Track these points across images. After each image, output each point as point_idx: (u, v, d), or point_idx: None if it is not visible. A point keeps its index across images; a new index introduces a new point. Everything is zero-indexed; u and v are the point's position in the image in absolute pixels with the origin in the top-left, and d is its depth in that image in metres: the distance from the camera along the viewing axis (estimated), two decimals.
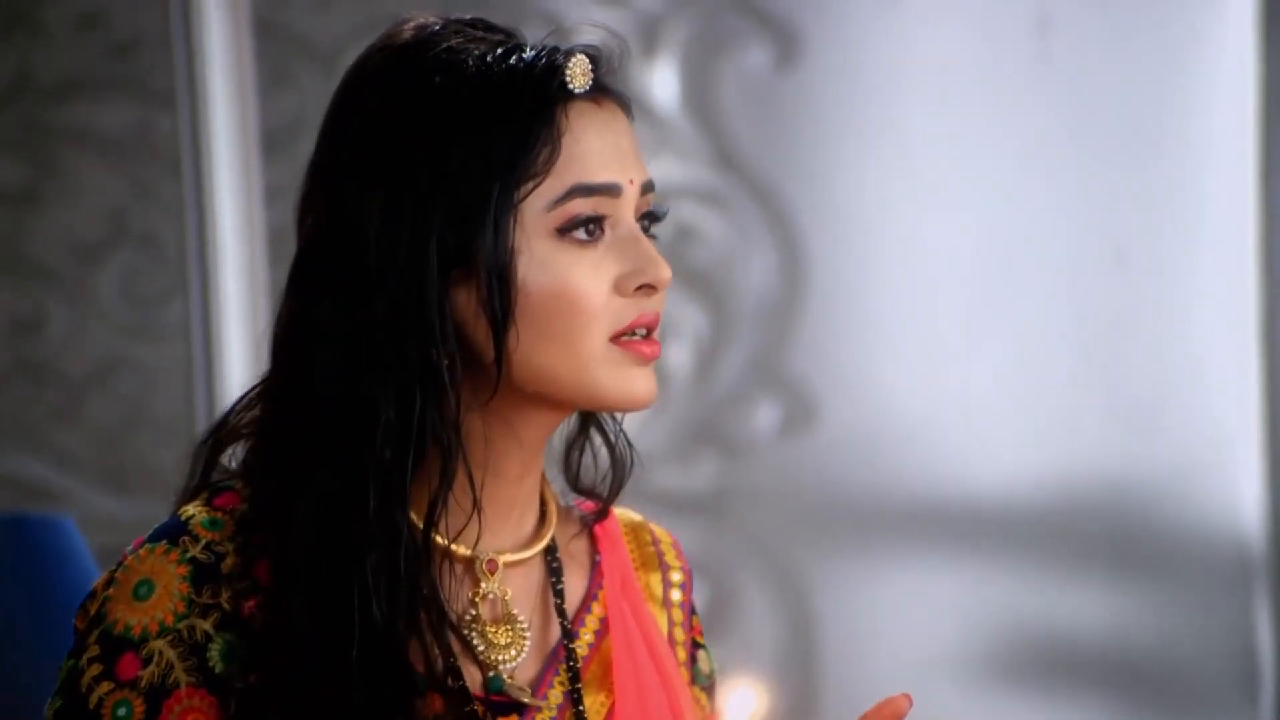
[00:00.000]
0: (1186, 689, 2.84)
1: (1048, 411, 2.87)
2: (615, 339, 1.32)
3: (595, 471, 1.43)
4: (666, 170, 2.94)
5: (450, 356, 1.30)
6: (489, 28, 1.35)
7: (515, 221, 1.31)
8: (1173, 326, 2.85)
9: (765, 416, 2.93)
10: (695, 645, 1.48)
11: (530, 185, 1.31)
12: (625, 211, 1.34)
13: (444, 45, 1.33)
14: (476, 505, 1.33)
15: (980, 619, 2.88)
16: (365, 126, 1.32)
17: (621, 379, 1.33)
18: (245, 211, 2.76)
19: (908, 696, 1.29)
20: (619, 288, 1.33)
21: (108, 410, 3.04)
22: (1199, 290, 2.85)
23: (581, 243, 1.32)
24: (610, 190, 1.33)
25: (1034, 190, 2.88)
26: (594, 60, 1.35)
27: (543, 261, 1.31)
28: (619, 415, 1.42)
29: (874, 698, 1.30)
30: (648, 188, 1.36)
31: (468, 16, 1.36)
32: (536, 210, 1.31)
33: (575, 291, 1.31)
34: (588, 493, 1.44)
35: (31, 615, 2.22)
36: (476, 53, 1.32)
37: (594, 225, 1.32)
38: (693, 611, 1.49)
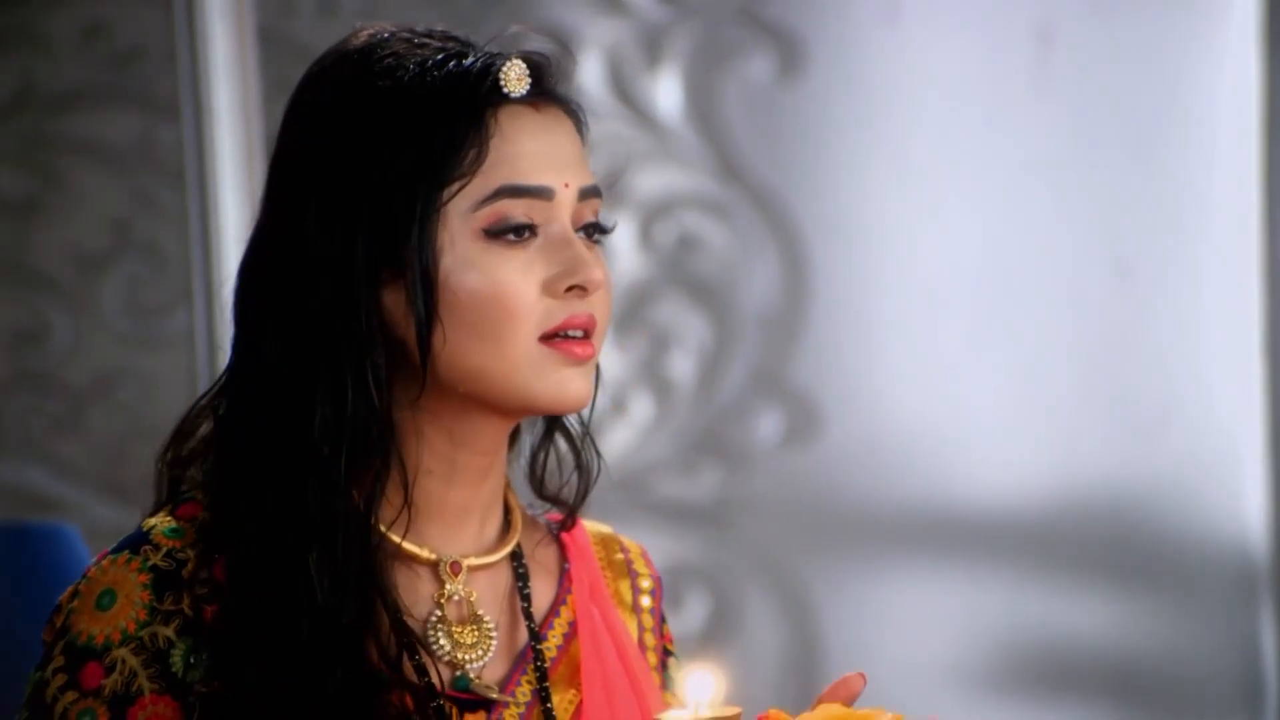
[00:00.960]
0: (1190, 697, 2.84)
1: (1051, 421, 2.87)
2: (546, 339, 1.34)
3: (560, 478, 1.44)
4: (669, 180, 2.94)
5: (379, 356, 1.32)
6: (446, 37, 1.37)
7: (441, 222, 1.32)
8: (1176, 336, 2.86)
9: (768, 426, 2.93)
10: (666, 653, 1.50)
11: (456, 186, 1.32)
12: (559, 214, 1.35)
13: (388, 51, 1.35)
14: (407, 501, 1.34)
15: (983, 628, 2.88)
16: (308, 128, 1.35)
17: (552, 380, 1.34)
18: (248, 222, 2.76)
19: (862, 675, 1.32)
20: (549, 289, 1.34)
21: (110, 420, 3.04)
22: (1202, 300, 2.85)
23: (509, 244, 1.33)
24: (540, 193, 1.34)
25: (1036, 200, 2.88)
26: (536, 66, 1.36)
27: (468, 261, 1.33)
28: (582, 419, 1.43)
29: (876, 706, 1.31)
30: (588, 193, 1.37)
31: (427, 28, 1.38)
32: (463, 210, 1.33)
33: (501, 291, 1.32)
34: (553, 500, 1.45)
35: (34, 624, 2.22)
36: (418, 58, 1.34)
37: (519, 229, 1.34)
38: (663, 620, 1.50)
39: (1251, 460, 2.84)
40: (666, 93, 2.93)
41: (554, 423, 1.44)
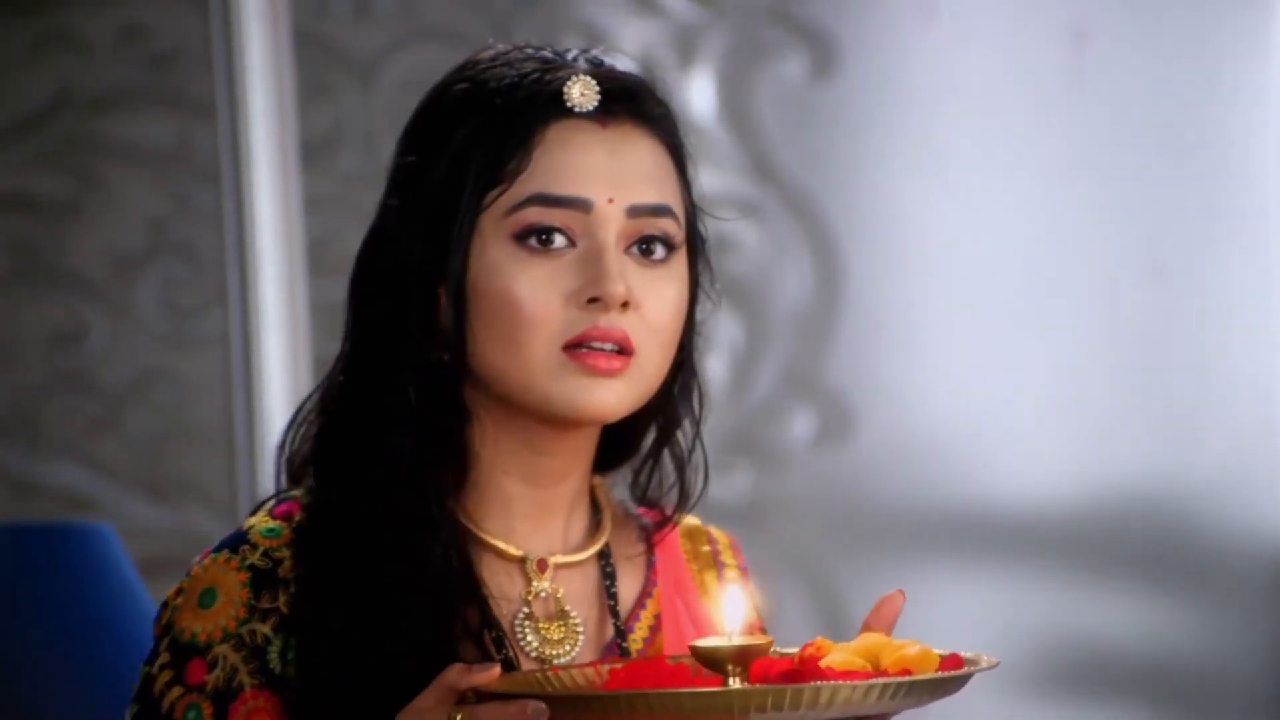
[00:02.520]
0: (1223, 699, 2.83)
1: (1085, 422, 2.86)
2: (569, 348, 1.36)
3: (660, 487, 1.46)
4: (703, 181, 2.94)
5: (445, 352, 1.37)
6: (555, 53, 1.40)
7: (476, 227, 1.36)
8: (1210, 337, 2.85)
9: (801, 426, 2.93)
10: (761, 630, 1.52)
11: (494, 193, 1.35)
12: (597, 228, 1.36)
13: (486, 67, 1.38)
14: (485, 496, 1.37)
15: (1016, 629, 2.87)
16: (403, 138, 1.41)
17: (568, 388, 1.35)
18: (284, 222, 2.77)
19: (901, 592, 1.35)
20: (574, 299, 1.35)
21: (147, 420, 3.06)
22: (1236, 301, 2.84)
23: (534, 251, 1.36)
24: (576, 204, 1.36)
25: (1070, 201, 2.88)
26: (611, 84, 1.37)
27: (494, 266, 1.36)
28: (696, 430, 1.44)
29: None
30: (643, 210, 1.37)
31: (544, 44, 1.41)
32: (496, 217, 1.36)
33: (516, 297, 1.35)
34: (653, 505, 1.48)
35: (72, 621, 2.24)
36: (505, 74, 1.37)
37: (549, 234, 1.36)
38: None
39: None
40: (700, 93, 2.94)
41: (663, 436, 1.45)
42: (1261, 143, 2.83)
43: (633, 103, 1.38)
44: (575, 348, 1.35)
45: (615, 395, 1.36)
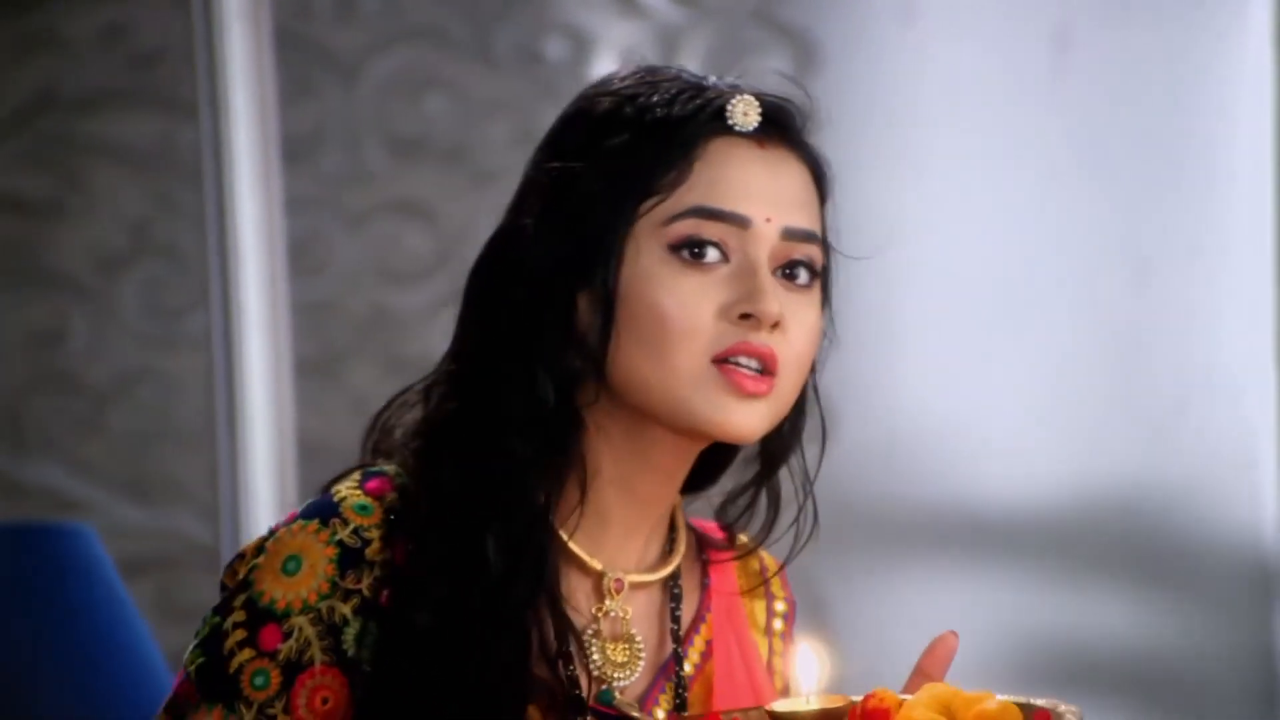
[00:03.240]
0: (1206, 698, 2.84)
1: (1068, 422, 2.87)
2: (719, 362, 1.35)
3: (748, 517, 1.46)
4: None
5: (571, 357, 1.36)
6: (698, 78, 1.40)
7: (631, 234, 1.36)
8: (1193, 337, 2.85)
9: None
10: None
11: (653, 201, 1.36)
12: (753, 246, 1.37)
13: (646, 79, 1.40)
14: (583, 499, 1.37)
15: (999, 628, 2.87)
16: (547, 143, 1.41)
17: (713, 404, 1.36)
18: (266, 222, 2.77)
19: (955, 633, 1.36)
20: (724, 313, 1.36)
21: (129, 420, 3.05)
22: (1219, 301, 2.85)
23: (687, 263, 1.36)
24: (735, 219, 1.36)
25: (1053, 202, 2.88)
26: (772, 108, 1.39)
27: (647, 275, 1.36)
28: (804, 472, 1.45)
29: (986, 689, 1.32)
30: (797, 235, 1.39)
31: (685, 68, 1.42)
32: (654, 225, 1.36)
33: (665, 307, 1.35)
34: (725, 526, 1.47)
35: (53, 621, 2.23)
36: (666, 89, 1.38)
37: (705, 248, 1.36)
38: (789, 642, 1.52)
39: (1269, 460, 2.84)
40: None
41: (769, 468, 1.46)
42: (1242, 144, 2.84)
43: (789, 127, 1.40)
44: (723, 362, 1.35)
45: (758, 417, 1.37)
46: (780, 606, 1.52)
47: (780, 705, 1.23)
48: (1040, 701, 1.23)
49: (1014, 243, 2.89)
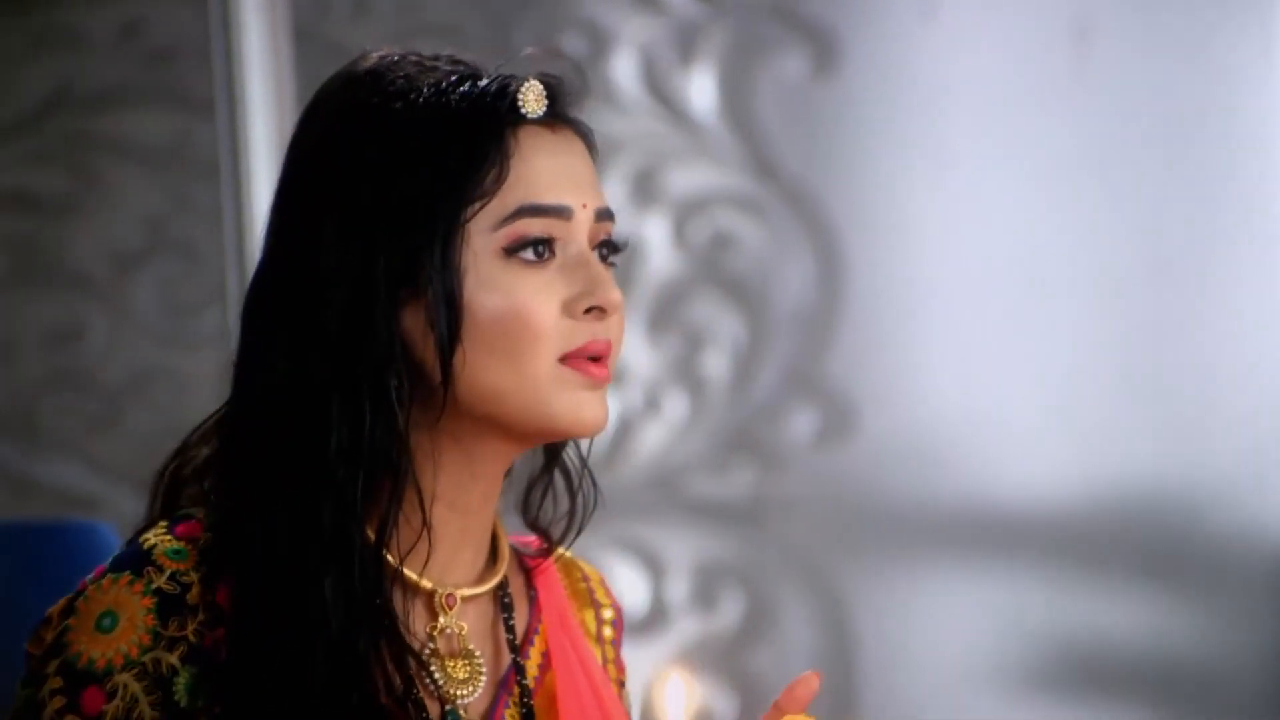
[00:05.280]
0: (1227, 698, 2.82)
1: (1088, 420, 2.86)
2: (565, 360, 1.33)
3: (554, 509, 1.43)
4: (703, 178, 2.94)
5: (399, 376, 1.31)
6: (454, 60, 1.37)
7: (463, 241, 1.31)
8: (1214, 335, 2.84)
9: (803, 425, 2.92)
10: (620, 684, 1.50)
11: (478, 205, 1.32)
12: (577, 234, 1.35)
13: (400, 73, 1.34)
14: (426, 524, 1.32)
15: (1019, 628, 2.86)
16: (320, 151, 1.34)
17: (570, 402, 1.33)
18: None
19: (817, 674, 1.30)
20: (568, 310, 1.33)
21: (146, 418, 3.05)
22: (1240, 298, 2.84)
23: (529, 263, 1.33)
24: (560, 212, 1.34)
25: (1074, 197, 2.87)
26: (550, 88, 1.36)
27: (490, 281, 1.32)
28: (583, 451, 1.42)
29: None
30: (603, 215, 1.37)
31: (434, 52, 1.37)
32: (483, 229, 1.32)
33: (523, 311, 1.31)
34: (540, 531, 1.44)
35: None
36: (432, 80, 1.33)
37: (543, 246, 1.33)
38: (619, 649, 1.50)
39: None
40: (700, 90, 2.93)
41: (553, 456, 1.43)
42: (1265, 139, 2.83)
43: (567, 106, 1.37)
44: (569, 357, 1.33)
45: (605, 406, 1.34)
46: (608, 614, 1.50)
47: None
48: None
49: (1034, 239, 2.88)
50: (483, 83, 1.34)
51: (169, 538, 1.31)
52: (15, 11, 3.06)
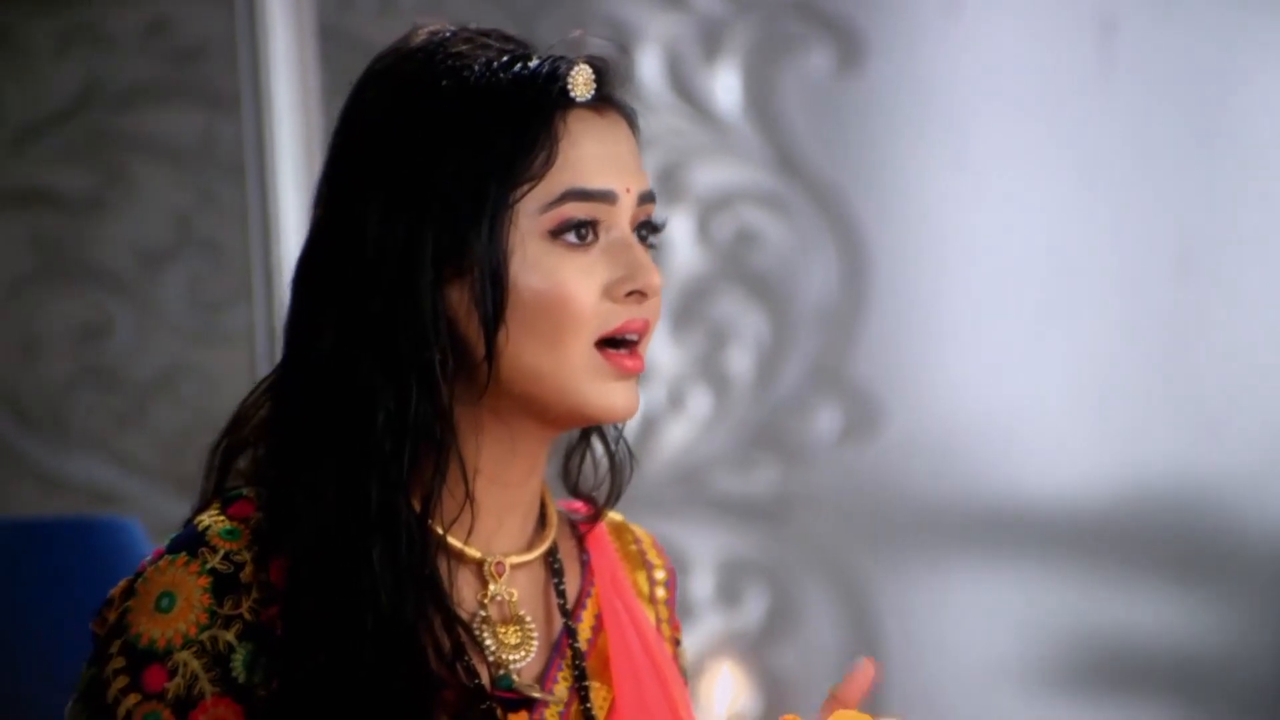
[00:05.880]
0: (1254, 696, 2.82)
1: (1113, 417, 2.85)
2: (601, 346, 1.35)
3: (595, 476, 1.45)
4: (727, 174, 2.94)
5: (442, 352, 1.33)
6: (503, 38, 1.38)
7: (510, 222, 1.33)
8: (1239, 330, 2.83)
9: (827, 421, 2.92)
10: (676, 643, 1.51)
11: (526, 187, 1.33)
12: (620, 218, 1.36)
13: (451, 50, 1.36)
14: (469, 496, 1.35)
15: (1045, 625, 2.86)
16: (369, 127, 1.35)
17: (602, 390, 1.35)
18: (308, 218, 2.77)
19: (873, 661, 1.32)
20: (609, 293, 1.35)
21: (173, 415, 3.06)
22: (1265, 294, 2.83)
23: (572, 246, 1.34)
24: (605, 196, 1.35)
25: (1098, 194, 2.86)
26: (598, 70, 1.37)
27: (535, 262, 1.33)
28: (619, 424, 1.44)
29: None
30: (646, 198, 1.38)
31: (483, 27, 1.39)
32: (530, 212, 1.34)
33: (565, 292, 1.33)
34: (584, 497, 1.47)
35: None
36: (483, 59, 1.35)
37: (586, 229, 1.35)
38: (674, 609, 1.52)
39: None
40: (725, 87, 2.93)
41: (590, 425, 1.44)
42: None
43: (614, 88, 1.39)
44: (605, 346, 1.35)
45: (635, 394, 1.36)
46: (660, 575, 1.51)
47: None
48: None
49: (1059, 235, 2.87)
50: (533, 64, 1.35)
51: (222, 518, 1.34)
52: (43, 11, 3.07)
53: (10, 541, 2.26)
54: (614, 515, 1.51)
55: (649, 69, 2.92)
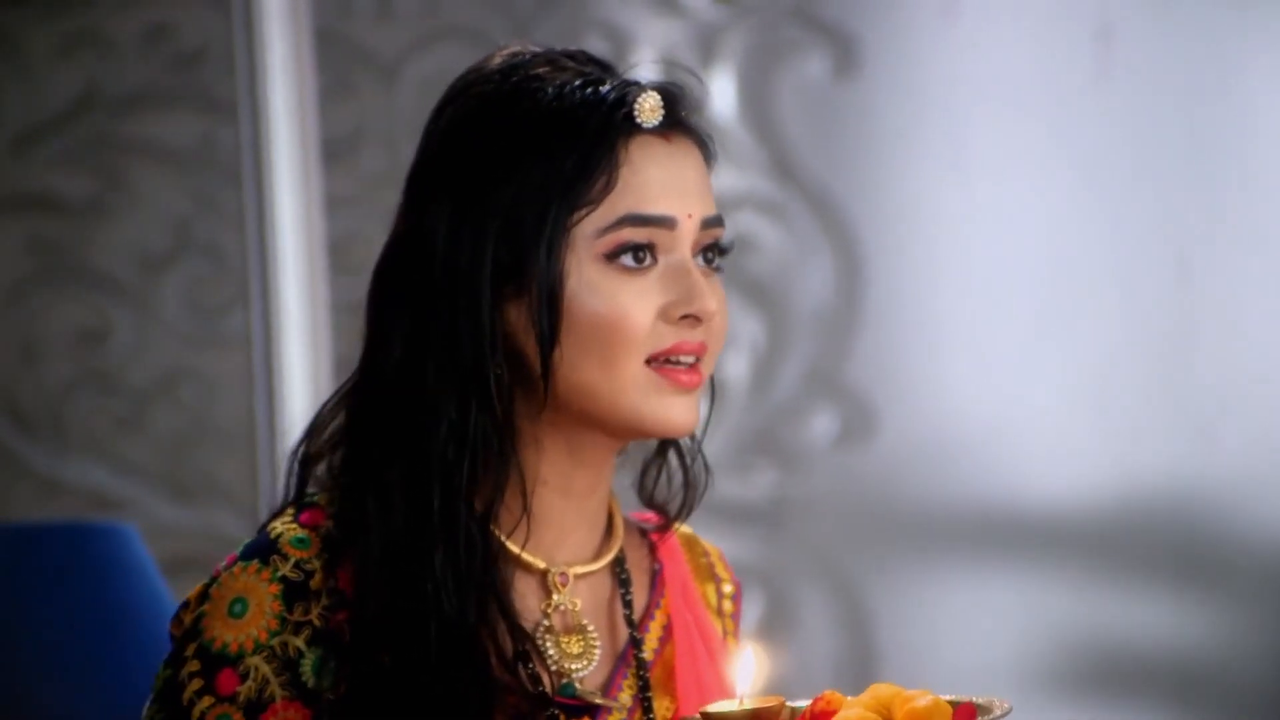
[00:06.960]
0: (1250, 700, 2.82)
1: (1109, 422, 2.86)
2: (652, 363, 1.37)
3: (669, 488, 1.47)
4: (724, 180, 2.94)
5: (499, 368, 1.36)
6: (586, 60, 1.41)
7: (567, 244, 1.36)
8: (1235, 336, 2.83)
9: (823, 426, 2.93)
10: None
11: (584, 211, 1.36)
12: (680, 243, 1.38)
13: (529, 73, 1.39)
14: (526, 507, 1.38)
15: (1040, 629, 2.86)
16: (444, 141, 1.40)
17: (657, 405, 1.37)
18: (305, 222, 2.78)
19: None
20: (664, 315, 1.37)
21: (171, 420, 3.06)
22: (1261, 299, 2.83)
23: (629, 269, 1.37)
24: (663, 222, 1.37)
25: (1094, 199, 2.87)
26: (669, 97, 1.40)
27: (591, 284, 1.36)
28: (693, 435, 1.46)
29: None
30: (711, 222, 1.40)
31: (569, 49, 1.42)
32: (588, 235, 1.36)
33: (619, 315, 1.36)
34: (657, 508, 1.49)
35: (95, 621, 2.24)
36: (557, 82, 1.38)
37: (643, 253, 1.37)
38: (739, 622, 1.55)
39: None
40: (721, 93, 2.93)
41: (670, 440, 1.47)
42: None
43: (684, 115, 1.41)
44: (657, 362, 1.37)
45: (694, 410, 1.39)
46: (728, 589, 1.54)
47: (713, 707, 1.25)
48: (977, 699, 1.25)
49: (1057, 240, 2.88)
50: (604, 89, 1.38)
51: (294, 526, 1.38)
52: (43, 16, 3.08)
53: (8, 546, 2.26)
54: (684, 528, 1.52)
55: (644, 74, 2.93)
